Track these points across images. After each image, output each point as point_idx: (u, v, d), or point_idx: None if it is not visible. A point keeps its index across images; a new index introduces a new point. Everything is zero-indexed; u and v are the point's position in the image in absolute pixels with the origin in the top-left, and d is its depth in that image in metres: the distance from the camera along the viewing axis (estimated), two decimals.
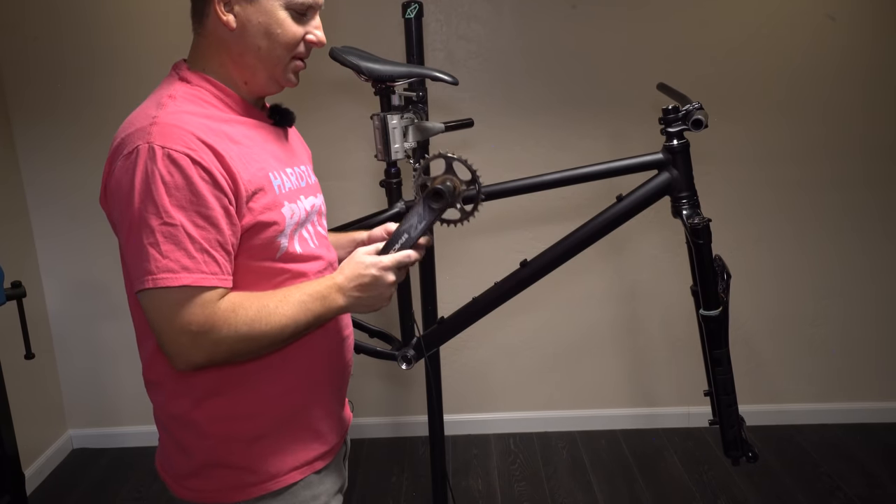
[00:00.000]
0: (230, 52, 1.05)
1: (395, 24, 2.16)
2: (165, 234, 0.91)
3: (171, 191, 0.91)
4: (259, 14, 1.02)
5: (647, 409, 2.67)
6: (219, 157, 0.95)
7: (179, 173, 0.92)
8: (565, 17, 2.34)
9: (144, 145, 0.93)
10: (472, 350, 2.60)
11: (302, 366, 1.10)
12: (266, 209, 1.01)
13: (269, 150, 1.09)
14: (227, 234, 0.96)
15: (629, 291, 2.58)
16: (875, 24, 2.35)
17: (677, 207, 1.50)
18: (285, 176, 1.09)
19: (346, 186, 2.43)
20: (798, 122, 2.41)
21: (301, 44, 1.07)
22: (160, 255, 0.91)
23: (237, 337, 0.95)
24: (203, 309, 0.93)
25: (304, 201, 1.12)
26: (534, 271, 1.52)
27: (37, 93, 2.38)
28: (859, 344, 2.60)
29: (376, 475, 2.44)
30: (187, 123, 0.96)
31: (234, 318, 0.95)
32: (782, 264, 2.54)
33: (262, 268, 1.03)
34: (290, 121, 1.22)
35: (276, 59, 1.06)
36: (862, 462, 2.41)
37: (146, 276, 0.92)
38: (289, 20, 1.04)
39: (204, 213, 0.93)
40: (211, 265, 0.94)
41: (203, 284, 0.93)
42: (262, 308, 0.97)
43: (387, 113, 1.62)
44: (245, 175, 0.99)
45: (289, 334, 1.00)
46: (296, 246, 1.08)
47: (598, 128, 2.41)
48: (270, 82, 1.09)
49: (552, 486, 2.35)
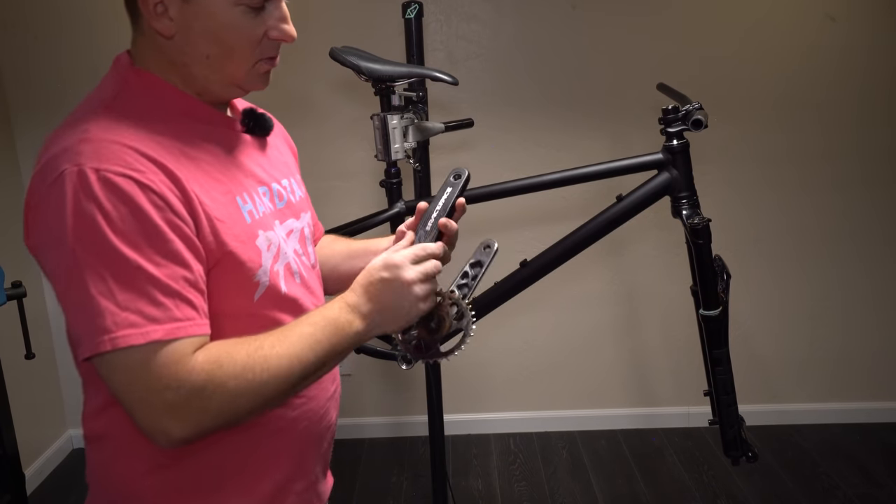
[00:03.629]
0: (171, 62, 0.84)
1: (395, 24, 2.16)
2: (119, 280, 0.71)
3: (116, 225, 0.71)
4: (201, 16, 0.80)
5: (647, 409, 2.67)
6: (171, 177, 0.76)
7: (122, 202, 0.72)
8: (565, 17, 2.34)
9: (72, 169, 0.72)
10: (472, 350, 2.59)
11: (284, 431, 0.91)
12: (236, 242, 0.82)
13: (237, 167, 0.89)
14: (195, 269, 0.77)
15: (629, 291, 2.58)
16: (876, 23, 2.35)
17: (677, 207, 1.50)
18: (258, 198, 0.89)
19: (346, 186, 2.43)
20: (799, 122, 2.41)
21: (263, 42, 0.85)
22: (116, 306, 0.71)
23: (227, 396, 0.75)
24: (180, 366, 0.73)
25: (280, 228, 0.91)
26: (534, 271, 1.53)
27: (37, 93, 2.38)
28: (859, 344, 2.60)
29: (376, 475, 2.44)
30: (128, 136, 0.76)
31: (219, 372, 0.75)
32: (782, 264, 2.54)
33: (238, 313, 0.84)
34: (266, 129, 0.98)
35: (234, 67, 0.85)
36: (861, 462, 2.41)
37: (102, 336, 0.71)
38: (242, 19, 0.81)
39: (163, 247, 0.74)
40: (184, 308, 0.74)
41: (178, 336, 0.73)
42: (255, 352, 0.77)
43: (387, 113, 1.62)
44: (206, 199, 0.80)
45: (297, 379, 0.80)
46: (281, 283, 0.88)
47: (598, 128, 2.41)
48: (230, 89, 0.88)
49: (552, 486, 2.35)
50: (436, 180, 1.88)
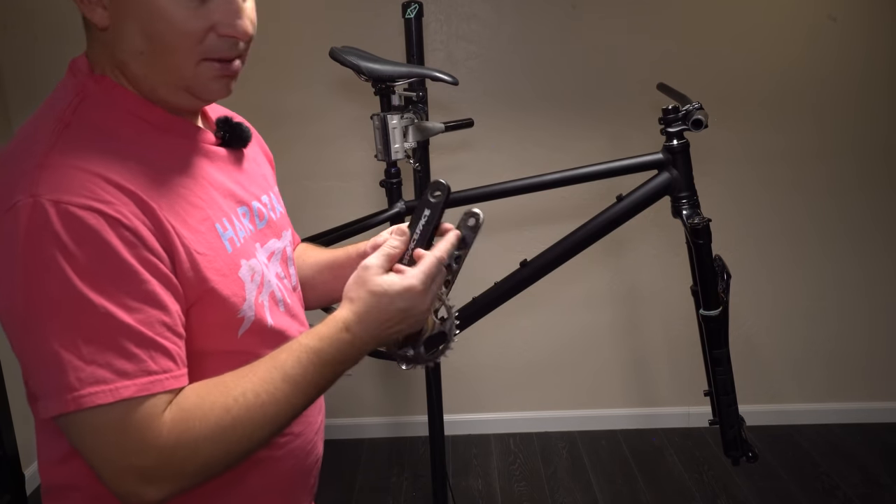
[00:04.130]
0: (114, 60, 0.73)
1: (395, 24, 2.16)
2: (85, 330, 0.62)
3: (81, 266, 0.62)
4: (133, 4, 0.68)
5: (647, 409, 2.67)
6: (144, 207, 0.66)
7: (87, 239, 0.62)
8: (565, 17, 2.34)
9: (27, 201, 0.62)
10: (472, 350, 2.60)
11: (270, 471, 0.83)
12: (218, 276, 0.72)
13: (214, 186, 0.78)
14: (173, 311, 0.67)
15: (629, 291, 2.58)
16: (876, 23, 2.35)
17: (677, 207, 1.50)
18: (238, 222, 0.79)
19: (346, 186, 2.43)
20: (800, 122, 2.41)
21: (209, 39, 0.72)
22: (81, 360, 0.62)
23: (202, 458, 0.67)
24: (146, 430, 0.64)
25: (262, 252, 0.82)
26: (534, 271, 1.53)
27: (37, 93, 2.38)
28: (859, 344, 2.60)
29: (376, 475, 2.44)
30: (92, 160, 0.66)
31: (189, 435, 0.65)
32: (782, 264, 2.54)
33: (220, 350, 0.74)
34: (244, 140, 0.87)
35: (171, 66, 0.72)
36: (861, 462, 2.41)
37: (65, 395, 0.62)
38: (178, 8, 0.69)
39: (136, 289, 0.64)
40: (160, 360, 0.65)
41: (153, 392, 0.64)
42: (233, 405, 0.67)
43: (387, 113, 1.62)
44: (184, 231, 0.70)
45: (284, 424, 0.73)
46: (266, 316, 0.79)
47: (597, 128, 2.41)
48: (179, 94, 0.75)
49: (552, 486, 2.35)
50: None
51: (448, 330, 0.88)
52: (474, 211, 0.89)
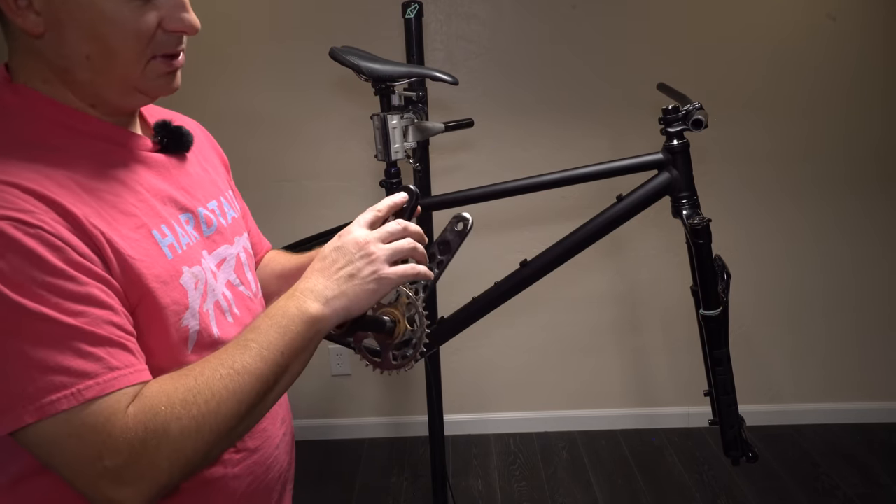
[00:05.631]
0: (51, 67, 0.70)
1: (395, 24, 2.16)
2: (29, 339, 0.59)
3: (9, 278, 0.59)
4: (73, 8, 0.66)
5: (647, 409, 2.67)
6: (66, 215, 0.63)
7: (11, 250, 0.60)
8: (565, 17, 2.34)
9: None
10: (472, 350, 2.60)
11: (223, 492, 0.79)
12: (157, 282, 0.70)
13: (152, 193, 0.75)
14: (120, 311, 0.65)
15: (629, 291, 2.58)
16: (876, 23, 2.35)
17: (677, 207, 1.50)
18: (179, 228, 0.76)
19: (346, 186, 2.43)
20: (801, 121, 2.41)
21: (157, 36, 0.70)
22: (34, 369, 0.59)
23: (174, 442, 0.63)
24: (110, 426, 0.61)
25: (209, 259, 0.79)
26: (534, 271, 1.53)
27: None
28: (859, 344, 2.60)
29: (376, 475, 2.44)
30: (8, 171, 0.63)
31: (156, 420, 0.62)
32: (782, 264, 2.54)
33: (171, 366, 0.70)
34: (184, 145, 0.84)
35: (122, 68, 0.70)
36: (861, 462, 2.41)
37: (25, 406, 0.59)
38: (123, 8, 0.67)
39: (73, 292, 0.62)
40: (120, 355, 0.63)
41: (117, 388, 0.62)
42: (194, 383, 0.65)
43: (387, 113, 1.61)
44: (115, 237, 0.67)
45: (256, 395, 0.68)
46: (212, 326, 0.76)
47: (598, 127, 2.41)
48: (130, 95, 0.73)
49: (552, 486, 2.35)
50: (436, 180, 1.88)
51: (417, 338, 0.84)
52: (464, 215, 0.86)
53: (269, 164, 2.37)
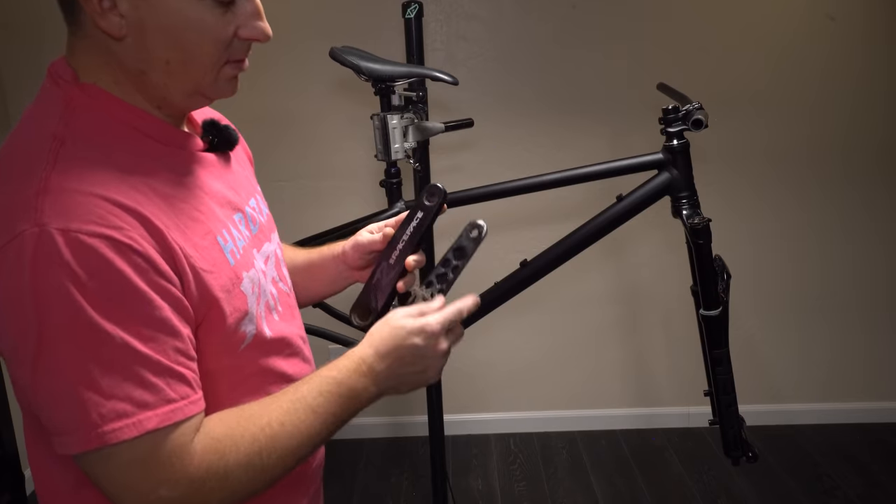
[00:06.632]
0: (124, 68, 0.69)
1: (395, 24, 2.16)
2: (102, 362, 0.60)
3: (93, 296, 0.59)
4: (159, 12, 0.66)
5: (647, 409, 2.67)
6: (151, 229, 0.64)
7: (99, 268, 0.59)
8: (565, 17, 2.34)
9: (32, 230, 0.59)
10: (471, 350, 2.60)
11: None
12: (223, 292, 0.70)
13: (210, 196, 0.75)
14: (185, 336, 0.66)
15: (629, 291, 2.58)
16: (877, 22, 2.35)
17: (677, 207, 1.50)
18: (235, 230, 0.77)
19: (346, 186, 2.43)
20: (801, 121, 2.41)
21: (233, 43, 0.72)
22: (101, 395, 0.60)
23: (230, 488, 0.66)
24: (177, 460, 0.63)
25: (259, 258, 0.80)
26: (534, 271, 1.53)
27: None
28: (859, 344, 2.60)
29: (376, 475, 2.44)
30: (94, 181, 0.63)
31: (220, 463, 0.65)
32: (782, 264, 2.54)
33: (221, 369, 0.73)
34: (232, 143, 0.84)
35: (199, 73, 0.71)
36: (862, 462, 2.41)
37: (88, 432, 0.60)
38: (207, 16, 0.68)
39: (150, 316, 0.62)
40: (178, 386, 0.64)
41: (175, 420, 0.63)
42: (260, 434, 0.68)
43: (387, 113, 1.62)
44: (189, 249, 0.68)
45: (305, 455, 0.72)
46: (264, 328, 0.77)
47: (598, 128, 2.41)
48: (192, 98, 0.74)
49: (552, 486, 2.35)
50: (436, 180, 1.86)
51: None
52: (479, 223, 0.88)
53: (269, 164, 2.36)
